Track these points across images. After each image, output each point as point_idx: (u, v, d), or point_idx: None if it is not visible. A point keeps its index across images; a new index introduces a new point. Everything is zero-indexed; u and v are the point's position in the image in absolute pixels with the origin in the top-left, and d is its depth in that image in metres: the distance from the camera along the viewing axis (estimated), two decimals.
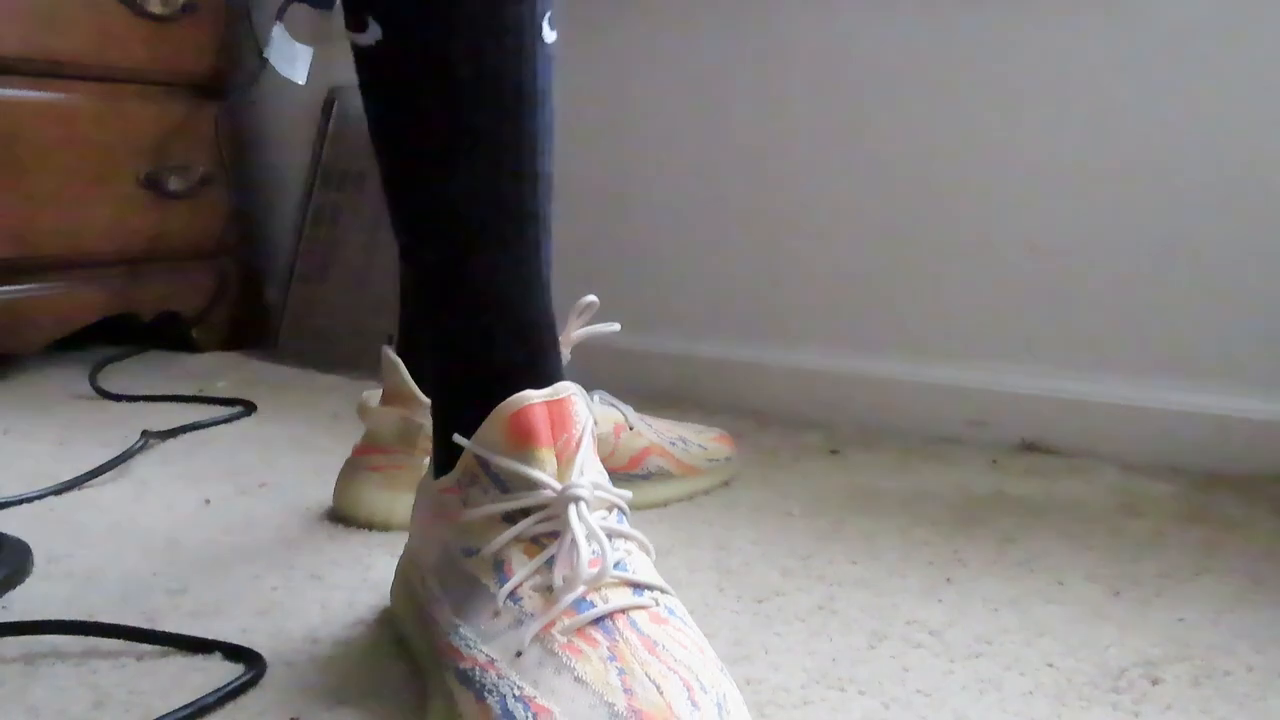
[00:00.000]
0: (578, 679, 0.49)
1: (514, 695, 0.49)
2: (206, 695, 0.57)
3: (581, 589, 0.52)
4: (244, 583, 0.75)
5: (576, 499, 0.54)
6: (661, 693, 0.47)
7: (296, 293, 1.60)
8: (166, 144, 1.55)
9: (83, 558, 0.79)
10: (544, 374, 0.59)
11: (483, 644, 0.52)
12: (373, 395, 0.91)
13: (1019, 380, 1.13)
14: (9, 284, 1.40)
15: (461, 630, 0.53)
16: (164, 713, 0.55)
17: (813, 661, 0.63)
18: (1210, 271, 1.04)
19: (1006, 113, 1.12)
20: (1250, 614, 0.70)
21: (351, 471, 0.88)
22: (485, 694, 0.50)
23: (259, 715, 0.56)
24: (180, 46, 1.55)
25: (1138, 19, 1.05)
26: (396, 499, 0.86)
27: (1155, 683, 0.60)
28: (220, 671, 0.61)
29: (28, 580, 0.74)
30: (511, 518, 0.55)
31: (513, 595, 0.53)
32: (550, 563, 0.53)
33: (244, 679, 0.59)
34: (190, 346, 1.62)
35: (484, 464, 0.56)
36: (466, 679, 0.51)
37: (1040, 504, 0.93)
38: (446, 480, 0.59)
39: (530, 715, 0.48)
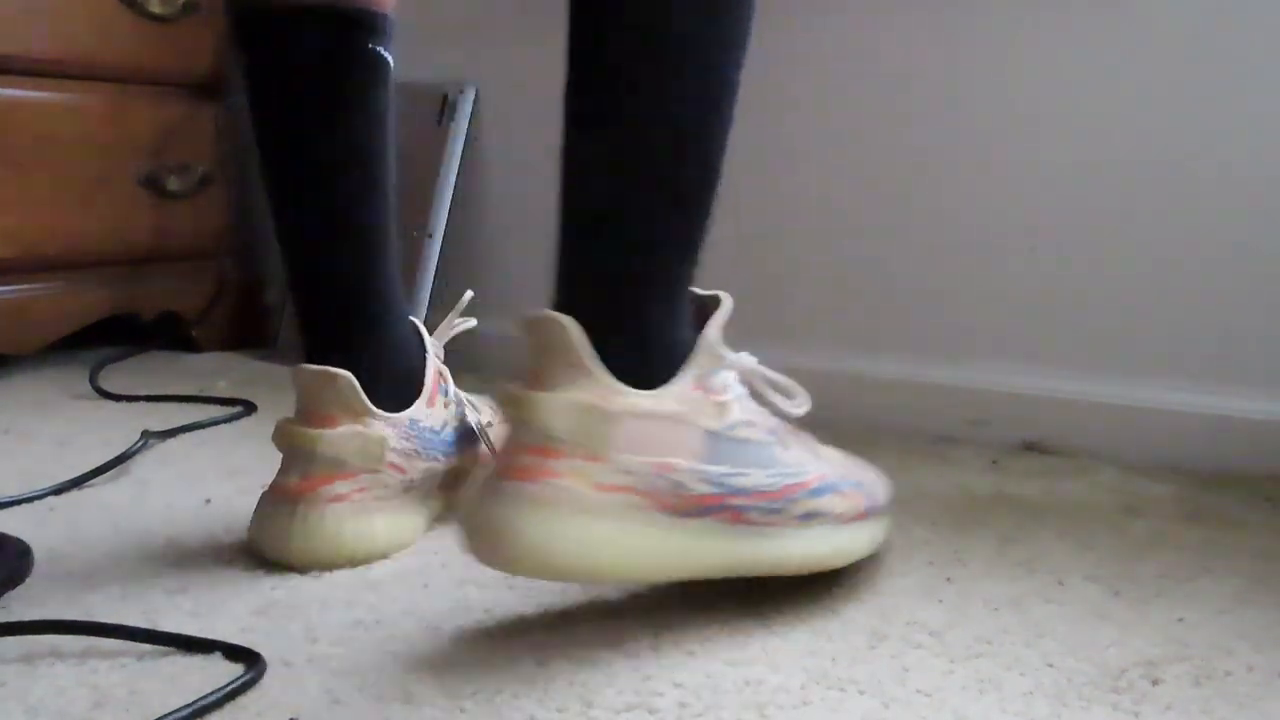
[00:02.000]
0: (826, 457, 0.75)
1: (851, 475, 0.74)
2: (206, 695, 0.57)
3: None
4: (244, 583, 0.75)
5: (754, 362, 0.73)
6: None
7: None
8: (166, 144, 1.55)
9: (83, 558, 0.79)
10: None
11: (809, 465, 0.71)
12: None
13: (1019, 380, 1.12)
14: (9, 284, 1.40)
15: (785, 469, 0.69)
16: (164, 713, 0.55)
17: (813, 661, 0.63)
18: (1210, 271, 1.04)
19: (1007, 113, 1.12)
20: (1250, 614, 0.70)
21: (309, 509, 0.76)
22: (843, 486, 0.72)
23: (259, 715, 0.56)
24: (180, 46, 1.55)
25: (1138, 19, 1.05)
26: (375, 523, 0.78)
27: (1155, 683, 0.60)
28: (220, 671, 0.61)
29: (28, 580, 0.74)
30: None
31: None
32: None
33: (244, 679, 0.59)
34: (190, 346, 1.62)
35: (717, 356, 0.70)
36: (828, 489, 0.71)
37: (1040, 504, 0.93)
38: (684, 381, 0.67)
39: (857, 481, 0.74)
